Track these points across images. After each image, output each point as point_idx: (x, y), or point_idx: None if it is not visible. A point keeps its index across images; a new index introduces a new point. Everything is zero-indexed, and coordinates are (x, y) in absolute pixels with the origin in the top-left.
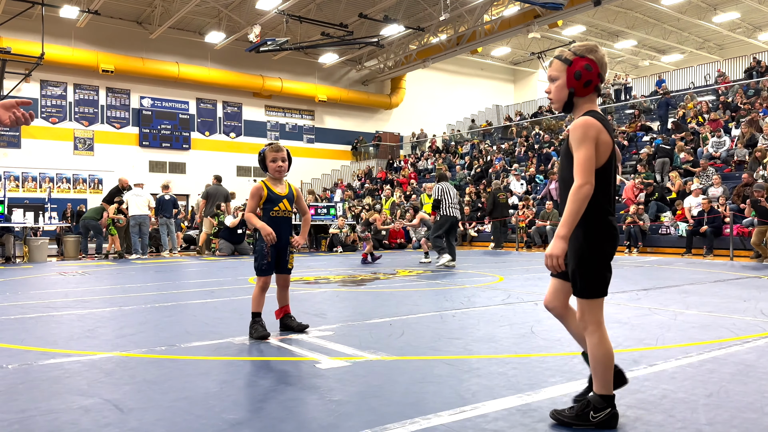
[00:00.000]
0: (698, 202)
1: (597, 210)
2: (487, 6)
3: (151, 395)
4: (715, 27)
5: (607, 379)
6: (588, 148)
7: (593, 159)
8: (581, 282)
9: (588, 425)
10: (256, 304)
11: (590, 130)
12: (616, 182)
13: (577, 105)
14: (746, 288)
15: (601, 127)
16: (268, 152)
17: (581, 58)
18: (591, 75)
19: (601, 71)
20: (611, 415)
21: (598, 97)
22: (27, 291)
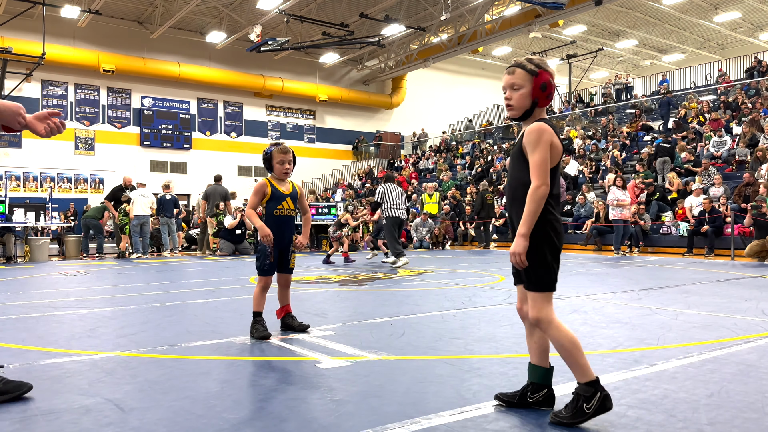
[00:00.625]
0: (699, 201)
1: (549, 209)
2: (487, 6)
3: (152, 395)
4: (716, 27)
5: (582, 364)
6: (542, 150)
7: (548, 162)
8: (531, 276)
9: (587, 417)
10: (257, 303)
11: (545, 135)
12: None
13: (534, 114)
14: (747, 288)
15: (553, 132)
16: (276, 153)
17: (545, 71)
18: (552, 88)
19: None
20: (603, 398)
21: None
22: (28, 291)
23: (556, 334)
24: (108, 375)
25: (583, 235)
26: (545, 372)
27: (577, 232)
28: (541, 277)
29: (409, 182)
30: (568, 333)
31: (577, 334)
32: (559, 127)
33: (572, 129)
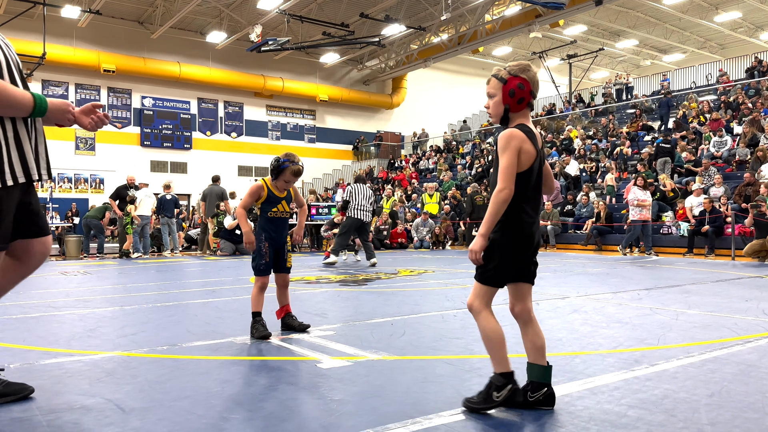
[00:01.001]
0: (699, 201)
1: (511, 211)
2: (488, 5)
3: (152, 395)
4: (717, 26)
5: (501, 356)
6: (509, 156)
7: (514, 166)
8: (481, 267)
9: (495, 405)
10: (255, 303)
11: (513, 141)
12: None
13: (512, 119)
14: (748, 288)
15: (524, 138)
16: (289, 174)
17: (515, 78)
18: (523, 93)
19: (533, 89)
20: (513, 391)
21: (531, 111)
22: (28, 290)
23: (483, 324)
24: (108, 375)
25: (583, 235)
26: (543, 370)
27: (577, 232)
28: (486, 271)
29: (410, 182)
30: (495, 325)
31: (577, 333)
32: (559, 127)
33: (573, 129)
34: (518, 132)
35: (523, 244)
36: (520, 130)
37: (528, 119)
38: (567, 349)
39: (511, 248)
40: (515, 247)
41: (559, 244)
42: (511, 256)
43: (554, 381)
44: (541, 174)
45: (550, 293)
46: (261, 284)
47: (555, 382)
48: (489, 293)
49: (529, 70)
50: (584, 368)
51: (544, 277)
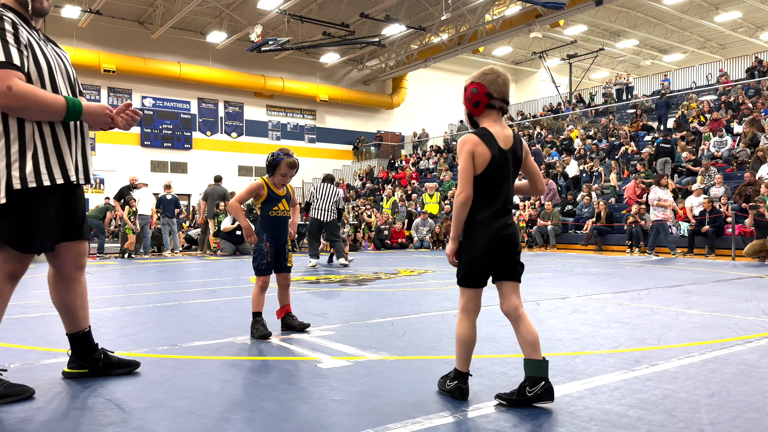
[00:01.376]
0: (699, 201)
1: (472, 213)
2: (488, 5)
3: (152, 395)
4: (717, 26)
5: (464, 357)
6: (463, 160)
7: (468, 170)
8: (458, 272)
9: (444, 390)
10: (256, 303)
11: (465, 146)
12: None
13: (479, 122)
14: (748, 288)
15: (478, 142)
16: (284, 166)
17: (471, 84)
18: (478, 96)
19: (492, 91)
20: (457, 387)
21: (500, 113)
22: (29, 290)
23: (459, 324)
24: (108, 375)
25: (584, 235)
26: (539, 364)
27: (578, 232)
28: (462, 274)
29: (410, 182)
30: (468, 330)
31: (577, 333)
32: (559, 128)
33: (573, 129)
34: (471, 137)
35: (489, 244)
36: (476, 134)
37: (496, 122)
38: (567, 349)
39: (475, 250)
40: (480, 248)
41: (560, 244)
42: (477, 258)
43: (555, 381)
44: (505, 174)
45: (550, 293)
46: (261, 284)
47: (555, 382)
48: (470, 294)
49: (489, 74)
50: (584, 368)
51: (545, 277)
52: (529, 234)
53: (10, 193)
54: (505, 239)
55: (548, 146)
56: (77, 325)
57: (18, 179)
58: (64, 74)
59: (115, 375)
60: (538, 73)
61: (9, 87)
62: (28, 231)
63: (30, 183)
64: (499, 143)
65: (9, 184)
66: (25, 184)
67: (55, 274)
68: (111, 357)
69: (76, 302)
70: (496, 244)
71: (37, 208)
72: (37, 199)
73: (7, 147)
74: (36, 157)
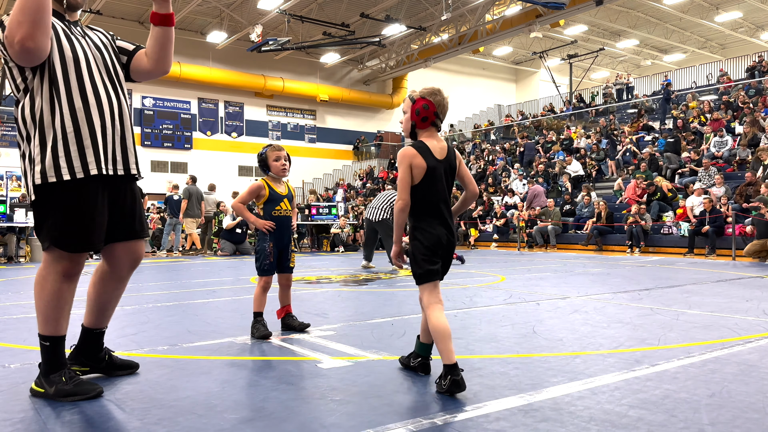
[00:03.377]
0: (700, 201)
1: (414, 219)
2: (488, 5)
3: (152, 395)
4: (717, 26)
5: (445, 348)
6: (402, 171)
7: (406, 180)
8: (413, 272)
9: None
10: (257, 303)
11: (404, 158)
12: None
13: (419, 134)
14: (749, 288)
15: (415, 154)
16: (270, 152)
17: (422, 99)
18: (427, 113)
19: (438, 111)
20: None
21: (437, 131)
22: (29, 291)
23: (431, 318)
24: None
25: (584, 235)
26: (424, 346)
27: (578, 232)
28: (416, 273)
29: None
30: (440, 321)
31: (578, 334)
32: (559, 128)
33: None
34: (409, 149)
35: (430, 246)
36: (414, 147)
37: (432, 136)
38: (567, 349)
39: (420, 252)
40: (423, 250)
41: (560, 244)
42: (423, 259)
43: (555, 381)
44: (441, 182)
45: (550, 293)
46: (264, 284)
47: (556, 382)
48: (429, 289)
49: (437, 95)
50: (585, 368)
51: (545, 277)
52: (529, 234)
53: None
54: (445, 243)
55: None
56: (101, 322)
57: (39, 174)
58: (101, 63)
59: (117, 376)
60: (539, 73)
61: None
62: (69, 229)
63: (50, 177)
64: (435, 155)
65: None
66: (45, 179)
67: (107, 271)
68: (114, 358)
69: (113, 301)
70: (438, 247)
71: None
72: (72, 195)
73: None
74: (55, 149)
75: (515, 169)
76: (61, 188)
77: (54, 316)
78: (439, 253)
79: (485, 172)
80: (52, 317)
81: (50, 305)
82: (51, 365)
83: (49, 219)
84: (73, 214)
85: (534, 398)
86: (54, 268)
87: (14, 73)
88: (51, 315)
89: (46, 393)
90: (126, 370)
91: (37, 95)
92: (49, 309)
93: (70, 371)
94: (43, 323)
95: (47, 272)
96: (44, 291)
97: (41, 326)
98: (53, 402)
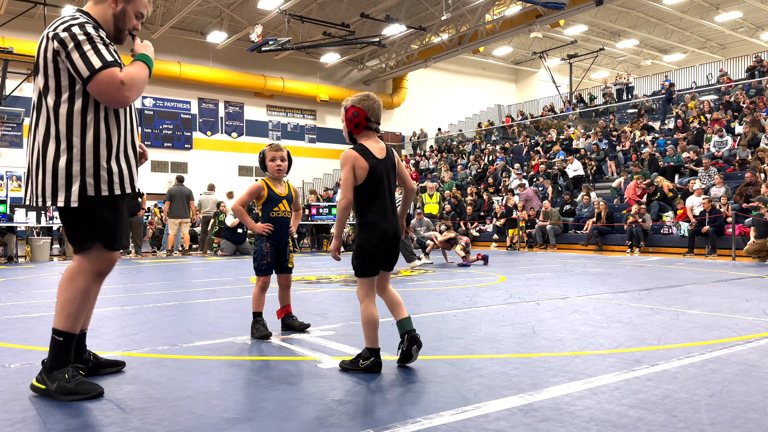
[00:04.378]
0: (699, 201)
1: (361, 215)
2: (488, 5)
3: (153, 395)
4: (717, 26)
5: (371, 336)
6: (344, 172)
7: (350, 180)
8: (355, 266)
9: (359, 370)
10: (256, 303)
11: (346, 161)
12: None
13: (358, 139)
14: (749, 288)
15: (356, 156)
16: (268, 151)
17: (352, 107)
18: (358, 119)
19: (369, 115)
20: (374, 363)
21: (376, 132)
22: (29, 291)
23: (363, 309)
24: (108, 375)
25: (584, 235)
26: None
27: (578, 232)
28: (357, 266)
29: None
30: (372, 313)
31: (578, 334)
32: (559, 128)
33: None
34: (350, 152)
35: (376, 241)
36: (355, 149)
37: (370, 138)
38: (567, 349)
39: (367, 245)
40: (370, 244)
41: (560, 244)
42: (370, 252)
43: (555, 381)
44: (383, 179)
45: (550, 293)
46: (262, 284)
47: (555, 383)
48: (367, 283)
49: (366, 100)
50: (585, 368)
51: (545, 277)
52: (529, 234)
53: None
54: (391, 236)
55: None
56: (85, 323)
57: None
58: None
59: (104, 374)
60: (539, 73)
61: (122, 81)
62: (116, 231)
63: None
64: (375, 155)
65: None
66: (99, 191)
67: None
68: (99, 358)
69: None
70: (384, 240)
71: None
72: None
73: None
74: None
75: (515, 168)
76: (108, 198)
77: (77, 312)
78: (381, 247)
79: (485, 171)
80: (75, 314)
81: (76, 302)
82: (58, 361)
83: (96, 223)
84: (118, 219)
85: (534, 398)
86: (89, 267)
87: (61, 75)
88: (74, 311)
89: (47, 389)
90: (113, 367)
91: (90, 106)
92: (75, 306)
93: (73, 370)
94: (65, 319)
95: (80, 271)
96: (73, 287)
97: (61, 322)
98: (53, 401)
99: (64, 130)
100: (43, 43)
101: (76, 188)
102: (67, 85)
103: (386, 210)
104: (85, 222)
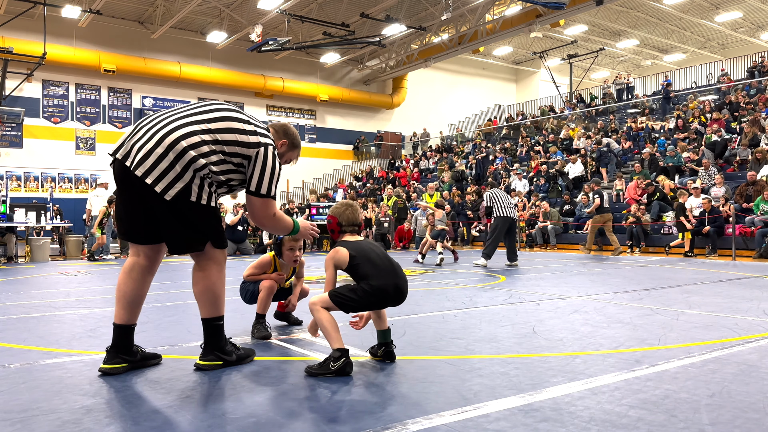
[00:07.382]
0: (699, 202)
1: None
2: (488, 5)
3: (153, 395)
4: (718, 26)
5: (334, 337)
6: (328, 274)
7: (332, 280)
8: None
9: (330, 373)
10: (261, 305)
11: (327, 262)
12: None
13: (340, 238)
14: (749, 288)
15: (332, 256)
16: (287, 240)
17: (329, 215)
18: (333, 226)
19: (341, 221)
20: (345, 364)
21: (355, 233)
22: (29, 291)
23: (318, 316)
24: (109, 375)
25: (584, 235)
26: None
27: (578, 233)
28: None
29: (410, 182)
30: (326, 315)
31: (578, 334)
32: (560, 127)
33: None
34: (331, 253)
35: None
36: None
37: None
38: (568, 349)
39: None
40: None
41: (560, 244)
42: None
43: (555, 381)
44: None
45: (550, 293)
46: (269, 288)
47: (555, 383)
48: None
49: (339, 208)
50: (585, 368)
51: (545, 277)
52: (529, 234)
53: (204, 206)
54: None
55: (549, 146)
56: (135, 317)
57: (214, 197)
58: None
59: (149, 366)
60: (539, 73)
61: (274, 214)
62: (221, 230)
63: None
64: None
65: (211, 195)
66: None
67: (149, 267)
68: (145, 352)
69: (145, 296)
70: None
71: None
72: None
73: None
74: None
75: (514, 168)
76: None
77: (222, 300)
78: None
79: (485, 171)
80: (221, 300)
81: (220, 290)
82: (224, 340)
83: (212, 225)
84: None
85: (534, 398)
86: (222, 261)
87: (236, 161)
88: (221, 299)
89: (227, 362)
90: (154, 359)
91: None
92: (217, 294)
93: (231, 342)
94: (220, 306)
95: (220, 267)
96: (222, 280)
97: (214, 310)
98: (52, 400)
99: (215, 153)
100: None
101: (206, 195)
102: (235, 165)
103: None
104: (204, 221)
